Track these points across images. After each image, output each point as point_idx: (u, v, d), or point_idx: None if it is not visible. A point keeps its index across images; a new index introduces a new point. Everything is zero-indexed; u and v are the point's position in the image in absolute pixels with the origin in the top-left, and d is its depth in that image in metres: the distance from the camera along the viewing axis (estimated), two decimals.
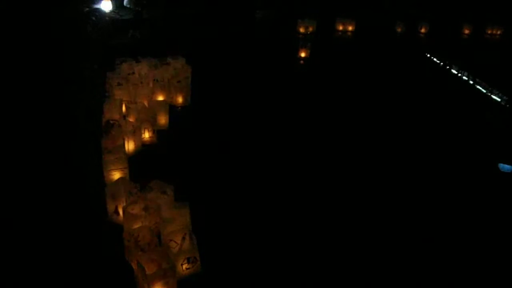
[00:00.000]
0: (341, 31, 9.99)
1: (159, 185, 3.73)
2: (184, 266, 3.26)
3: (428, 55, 9.15)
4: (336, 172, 4.81)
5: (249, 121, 5.74)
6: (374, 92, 7.00)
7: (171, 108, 5.54)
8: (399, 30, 10.30)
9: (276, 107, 6.14)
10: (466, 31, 10.65)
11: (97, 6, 8.97)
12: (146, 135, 4.95)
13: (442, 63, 8.76)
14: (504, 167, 5.16)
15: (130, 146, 4.66)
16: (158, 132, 5.09)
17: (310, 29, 9.55)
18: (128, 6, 8.88)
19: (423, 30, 10.43)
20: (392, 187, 4.63)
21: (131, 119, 4.99)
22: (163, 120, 5.33)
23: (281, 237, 3.79)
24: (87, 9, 8.62)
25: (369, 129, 5.83)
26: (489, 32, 10.85)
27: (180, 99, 5.88)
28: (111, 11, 9.09)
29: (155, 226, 3.49)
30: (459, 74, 8.21)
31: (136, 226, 3.43)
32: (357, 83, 7.26)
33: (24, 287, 3.10)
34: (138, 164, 4.41)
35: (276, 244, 3.70)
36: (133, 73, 5.78)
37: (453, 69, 8.43)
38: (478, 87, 7.68)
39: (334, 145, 5.36)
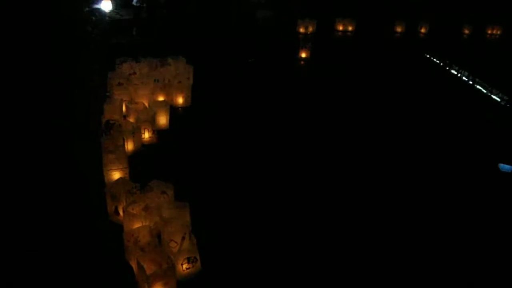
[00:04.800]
0: (341, 31, 10.00)
1: (159, 185, 3.73)
2: (184, 266, 3.26)
3: (428, 55, 9.15)
4: (336, 172, 4.81)
5: (249, 121, 5.74)
6: (374, 92, 7.00)
7: (172, 109, 5.54)
8: (399, 30, 10.31)
9: (276, 108, 6.14)
10: (466, 31, 10.66)
11: (97, 6, 8.98)
12: (146, 135, 4.95)
13: (442, 63, 8.76)
14: (504, 167, 5.16)
15: (130, 146, 4.66)
16: (158, 132, 5.09)
17: (310, 29, 9.56)
18: (137, 4, 8.88)
19: (423, 30, 10.43)
20: (392, 186, 4.63)
21: (131, 119, 4.99)
22: (163, 120, 5.33)
23: (281, 237, 3.79)
24: (87, 9, 8.63)
25: (369, 129, 5.83)
26: (489, 32, 10.86)
27: (180, 100, 5.88)
28: (111, 11, 9.10)
29: (155, 226, 3.49)
30: (459, 74, 8.21)
31: (136, 226, 3.43)
32: (357, 83, 7.26)
33: (24, 287, 3.11)
34: (138, 164, 4.42)
35: (276, 244, 3.69)
36: (135, 73, 5.78)
37: (453, 69, 8.43)
38: (478, 87, 7.68)
39: (335, 145, 5.36)
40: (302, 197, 4.33)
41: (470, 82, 7.88)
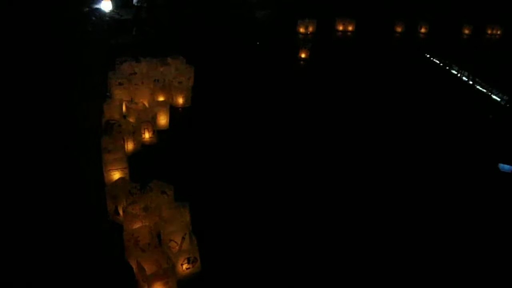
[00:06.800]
0: (341, 31, 10.00)
1: (159, 185, 3.73)
2: (184, 266, 3.26)
3: (428, 55, 9.15)
4: (336, 172, 4.82)
5: (249, 121, 5.74)
6: (374, 92, 7.00)
7: (172, 109, 5.54)
8: (399, 30, 10.30)
9: (276, 108, 6.14)
10: (466, 31, 10.66)
11: (97, 6, 8.98)
12: (146, 135, 4.95)
13: (442, 63, 8.76)
14: (504, 167, 5.16)
15: (130, 146, 4.66)
16: (159, 133, 5.09)
17: (310, 29, 9.55)
18: (137, 4, 8.87)
19: (423, 30, 10.43)
20: (392, 187, 4.63)
21: (131, 119, 4.99)
22: (163, 120, 5.33)
23: (281, 237, 3.79)
24: (87, 9, 8.64)
25: (369, 129, 5.83)
26: (489, 32, 10.86)
27: (180, 100, 5.88)
28: (111, 11, 9.10)
29: (155, 226, 3.49)
30: (459, 74, 8.22)
31: (136, 226, 3.43)
32: (357, 83, 7.26)
33: (24, 287, 3.11)
34: (138, 164, 4.42)
35: (276, 244, 3.70)
36: (135, 73, 5.78)
37: (453, 69, 8.43)
38: (478, 87, 7.68)
39: (335, 145, 5.36)
40: (303, 196, 4.34)
41: (470, 82, 7.88)
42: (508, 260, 3.81)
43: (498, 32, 10.86)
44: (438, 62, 8.87)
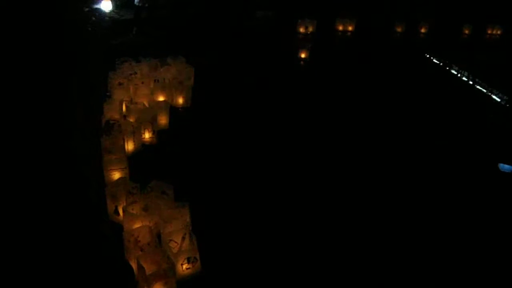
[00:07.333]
0: (341, 31, 9.99)
1: (159, 185, 3.73)
2: (184, 266, 3.26)
3: (428, 55, 9.15)
4: (336, 172, 4.82)
5: (249, 121, 5.74)
6: (374, 92, 7.00)
7: (172, 109, 5.54)
8: (399, 30, 10.30)
9: (276, 108, 6.14)
10: (466, 31, 10.65)
11: (97, 6, 8.98)
12: (146, 135, 4.95)
13: (442, 63, 8.76)
14: (504, 167, 5.16)
15: (130, 146, 4.66)
16: (159, 133, 5.09)
17: (310, 29, 9.55)
18: (138, 4, 8.87)
19: (423, 30, 10.43)
20: (392, 186, 4.63)
21: (131, 119, 4.99)
22: (163, 120, 5.33)
23: (281, 237, 3.79)
24: (87, 9, 8.62)
25: (369, 129, 5.83)
26: (489, 32, 10.86)
27: (180, 100, 5.88)
28: (111, 11, 9.10)
29: (155, 226, 3.49)
30: (459, 74, 8.22)
31: (136, 226, 3.43)
32: (357, 83, 7.26)
33: (24, 287, 3.11)
34: (138, 164, 4.42)
35: (276, 244, 3.70)
36: (135, 73, 5.78)
37: (453, 69, 8.43)
38: (478, 87, 7.68)
39: (335, 145, 5.36)
40: (303, 197, 4.34)
41: (470, 82, 7.88)
42: (508, 260, 3.81)
43: (498, 32, 10.86)
44: (438, 62, 8.87)
